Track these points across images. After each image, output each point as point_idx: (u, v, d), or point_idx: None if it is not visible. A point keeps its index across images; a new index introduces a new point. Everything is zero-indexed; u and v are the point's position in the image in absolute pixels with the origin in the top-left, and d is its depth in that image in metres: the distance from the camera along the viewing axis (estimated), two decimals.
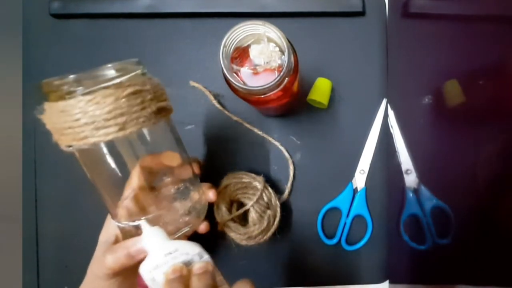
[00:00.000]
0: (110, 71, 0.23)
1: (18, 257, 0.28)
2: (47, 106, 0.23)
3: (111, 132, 0.22)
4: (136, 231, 0.27)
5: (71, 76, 0.22)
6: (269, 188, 0.39)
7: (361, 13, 0.43)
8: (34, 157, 0.43)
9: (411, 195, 0.42)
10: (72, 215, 0.43)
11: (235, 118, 0.43)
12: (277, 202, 0.39)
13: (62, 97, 0.22)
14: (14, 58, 0.29)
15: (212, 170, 0.40)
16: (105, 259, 0.28)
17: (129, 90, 0.22)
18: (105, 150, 0.24)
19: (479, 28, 0.43)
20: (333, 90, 0.43)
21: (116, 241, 0.30)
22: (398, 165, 0.43)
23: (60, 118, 0.22)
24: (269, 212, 0.38)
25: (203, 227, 0.34)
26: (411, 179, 0.43)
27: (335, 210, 0.43)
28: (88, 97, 0.21)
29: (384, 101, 0.43)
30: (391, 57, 0.43)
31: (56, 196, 0.43)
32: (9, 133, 0.29)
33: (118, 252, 0.28)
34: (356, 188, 0.43)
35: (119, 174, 0.26)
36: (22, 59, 0.43)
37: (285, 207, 0.42)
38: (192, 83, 0.43)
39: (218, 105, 0.42)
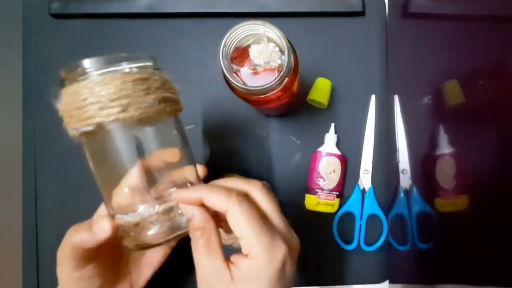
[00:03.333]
0: (123, 58, 0.24)
1: (18, 257, 0.28)
2: (62, 91, 0.24)
3: (113, 112, 0.22)
4: (130, 226, 0.26)
5: (85, 60, 0.23)
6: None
7: (361, 13, 0.43)
8: (34, 157, 0.43)
9: (402, 195, 0.43)
10: (72, 215, 0.43)
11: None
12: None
13: (75, 80, 0.24)
14: (14, 58, 0.29)
15: (212, 170, 0.40)
16: (69, 238, 0.28)
17: (137, 76, 0.23)
18: (112, 136, 0.24)
19: (479, 28, 0.43)
20: (333, 90, 0.43)
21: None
22: (397, 164, 0.43)
23: (70, 100, 0.23)
24: None
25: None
26: (405, 179, 0.43)
27: (349, 214, 0.43)
28: (98, 79, 0.23)
29: (373, 97, 0.43)
30: (391, 57, 0.43)
31: (56, 196, 0.43)
32: (9, 133, 0.29)
33: (81, 227, 0.28)
34: (364, 188, 0.43)
35: (123, 165, 0.25)
36: (22, 59, 0.43)
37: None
38: None
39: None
